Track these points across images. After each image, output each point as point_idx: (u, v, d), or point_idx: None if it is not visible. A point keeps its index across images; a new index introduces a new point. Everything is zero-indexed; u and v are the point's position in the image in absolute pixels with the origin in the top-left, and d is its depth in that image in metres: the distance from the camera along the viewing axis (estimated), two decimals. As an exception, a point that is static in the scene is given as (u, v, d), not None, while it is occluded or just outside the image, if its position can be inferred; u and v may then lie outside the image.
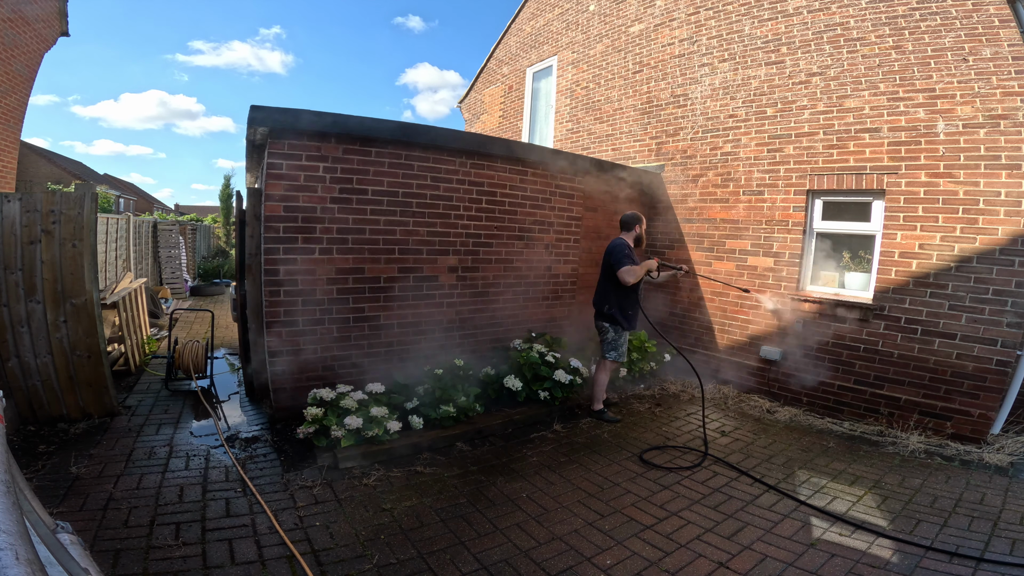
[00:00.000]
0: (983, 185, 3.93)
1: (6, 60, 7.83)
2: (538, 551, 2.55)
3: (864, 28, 4.56)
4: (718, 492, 3.25)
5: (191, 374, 4.84)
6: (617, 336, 4.38)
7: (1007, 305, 3.82)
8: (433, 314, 4.58)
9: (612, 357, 4.41)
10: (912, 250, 4.27)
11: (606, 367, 4.46)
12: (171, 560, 2.32)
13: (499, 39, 9.98)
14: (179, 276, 11.36)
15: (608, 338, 4.40)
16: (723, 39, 5.75)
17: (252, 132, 3.80)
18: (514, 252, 5.08)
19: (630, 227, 4.49)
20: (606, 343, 4.42)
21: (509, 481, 3.29)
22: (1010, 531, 2.78)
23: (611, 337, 4.39)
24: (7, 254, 3.52)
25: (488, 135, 6.55)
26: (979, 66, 3.93)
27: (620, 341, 4.41)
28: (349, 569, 2.35)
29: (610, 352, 4.40)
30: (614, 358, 4.41)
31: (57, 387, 3.75)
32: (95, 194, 3.84)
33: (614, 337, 4.38)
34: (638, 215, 4.53)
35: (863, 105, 4.56)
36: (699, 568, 2.47)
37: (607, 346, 4.41)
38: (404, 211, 4.31)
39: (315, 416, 3.51)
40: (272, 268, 3.80)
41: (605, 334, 4.41)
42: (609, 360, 4.43)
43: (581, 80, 7.85)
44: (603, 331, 4.43)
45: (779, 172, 5.17)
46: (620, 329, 4.37)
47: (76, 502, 2.73)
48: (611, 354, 4.40)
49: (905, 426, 4.24)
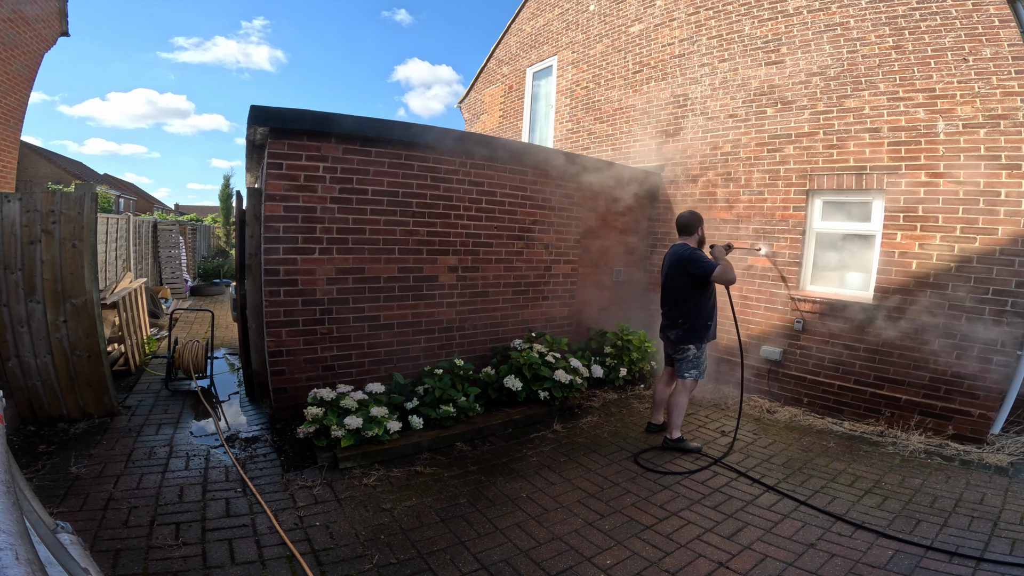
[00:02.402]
0: (983, 185, 3.93)
1: (6, 60, 7.83)
2: (538, 551, 2.55)
3: (864, 28, 4.56)
4: (718, 492, 3.25)
5: (191, 374, 4.84)
6: (700, 353, 3.84)
7: (1007, 305, 3.82)
8: (433, 314, 4.58)
9: (693, 376, 3.85)
10: (912, 250, 4.27)
11: (687, 388, 3.87)
12: (171, 560, 2.32)
13: (499, 39, 9.98)
14: (179, 276, 11.36)
15: (690, 356, 3.83)
16: (723, 39, 5.75)
17: (252, 132, 3.80)
18: (514, 252, 5.07)
19: (692, 230, 3.93)
20: (686, 361, 3.84)
21: (509, 481, 3.29)
22: (1010, 531, 2.78)
23: (693, 355, 3.82)
24: (7, 254, 3.52)
25: (488, 135, 6.55)
26: (979, 66, 3.93)
27: (703, 358, 3.88)
28: (349, 569, 2.35)
29: (691, 371, 3.84)
30: (695, 377, 3.85)
31: (57, 387, 3.75)
32: (95, 194, 3.84)
33: (696, 354, 3.83)
34: (698, 214, 3.97)
35: (863, 105, 4.56)
36: (699, 568, 2.47)
37: (687, 364, 3.84)
38: (404, 211, 4.31)
39: (315, 416, 3.51)
40: (272, 268, 3.80)
41: (685, 352, 3.83)
42: (690, 379, 3.85)
43: (581, 80, 7.85)
44: (684, 351, 3.84)
45: (779, 172, 5.17)
46: (703, 344, 3.85)
47: (76, 502, 2.73)
48: (692, 373, 3.84)
49: (905, 426, 4.24)
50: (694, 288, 3.77)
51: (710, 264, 3.67)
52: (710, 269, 3.65)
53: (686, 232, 3.97)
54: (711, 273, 3.64)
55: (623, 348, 5.48)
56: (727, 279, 3.64)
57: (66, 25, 8.97)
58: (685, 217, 3.98)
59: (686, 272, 3.76)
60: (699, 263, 3.70)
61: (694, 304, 3.79)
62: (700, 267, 3.69)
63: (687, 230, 3.96)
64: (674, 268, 3.84)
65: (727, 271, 3.65)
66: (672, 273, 3.87)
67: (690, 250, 3.79)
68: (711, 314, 3.85)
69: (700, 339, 3.81)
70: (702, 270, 3.67)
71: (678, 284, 3.83)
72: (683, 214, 4.01)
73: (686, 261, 3.75)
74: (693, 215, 3.96)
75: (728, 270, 3.65)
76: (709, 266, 3.66)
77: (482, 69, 10.58)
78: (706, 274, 3.67)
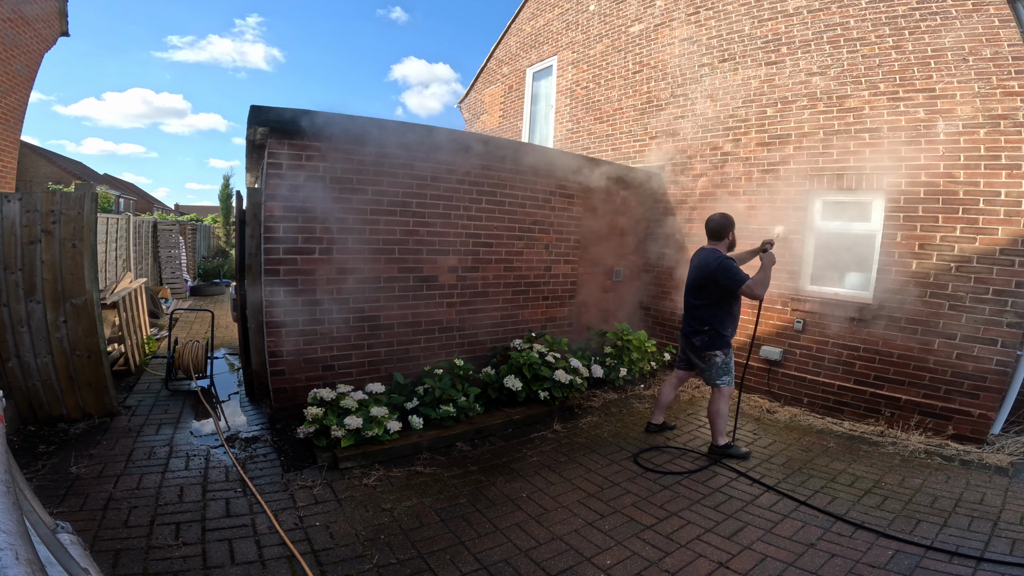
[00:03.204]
0: (983, 185, 3.93)
1: (6, 60, 7.83)
2: (538, 551, 2.55)
3: (864, 28, 4.56)
4: (718, 492, 3.25)
5: (191, 374, 4.84)
6: (728, 359, 3.77)
7: (1007, 305, 3.82)
8: (433, 314, 4.58)
9: (727, 383, 3.77)
10: (912, 250, 4.27)
11: (724, 395, 3.77)
12: (171, 560, 2.32)
13: (499, 39, 9.99)
14: (179, 276, 11.36)
15: (718, 362, 3.75)
16: (723, 39, 5.75)
17: (252, 132, 3.80)
18: (514, 252, 5.08)
19: (722, 234, 3.78)
20: (716, 369, 3.76)
21: (509, 481, 3.29)
22: (1010, 531, 2.78)
23: (721, 361, 3.75)
24: (7, 254, 3.52)
25: (488, 135, 6.55)
26: (979, 66, 3.93)
27: (731, 363, 3.80)
28: (349, 569, 2.35)
29: (723, 378, 3.76)
30: (728, 383, 3.78)
31: (57, 387, 3.75)
32: (95, 194, 3.84)
33: (725, 360, 3.76)
34: (730, 217, 3.80)
35: (863, 105, 4.56)
36: (699, 568, 2.47)
37: (718, 371, 3.75)
38: (404, 211, 4.31)
39: (315, 416, 3.51)
40: (272, 268, 3.80)
41: (712, 359, 3.76)
42: (725, 387, 3.77)
43: (581, 80, 7.85)
44: (710, 358, 3.76)
45: (779, 172, 5.17)
46: (729, 350, 3.78)
47: (76, 502, 2.73)
48: (725, 379, 3.76)
49: (905, 426, 4.24)
50: (723, 296, 3.67)
51: (741, 277, 3.52)
52: (740, 282, 3.50)
53: (716, 237, 3.81)
54: (741, 286, 3.50)
55: (623, 348, 5.48)
56: (756, 295, 3.48)
57: (66, 25, 8.97)
58: (716, 221, 3.79)
59: (715, 281, 3.62)
60: (730, 274, 3.54)
61: (722, 311, 3.70)
62: (731, 279, 3.54)
63: (718, 235, 3.79)
64: (703, 274, 3.70)
65: (759, 285, 3.47)
66: (701, 280, 3.73)
67: (720, 258, 3.62)
68: (736, 320, 3.78)
69: (727, 344, 3.75)
70: (732, 282, 3.53)
71: (706, 291, 3.71)
72: (714, 217, 3.82)
73: (716, 271, 3.60)
74: (725, 218, 3.78)
75: (762, 283, 3.47)
76: (740, 279, 3.51)
77: (482, 69, 10.58)
78: (734, 287, 3.54)
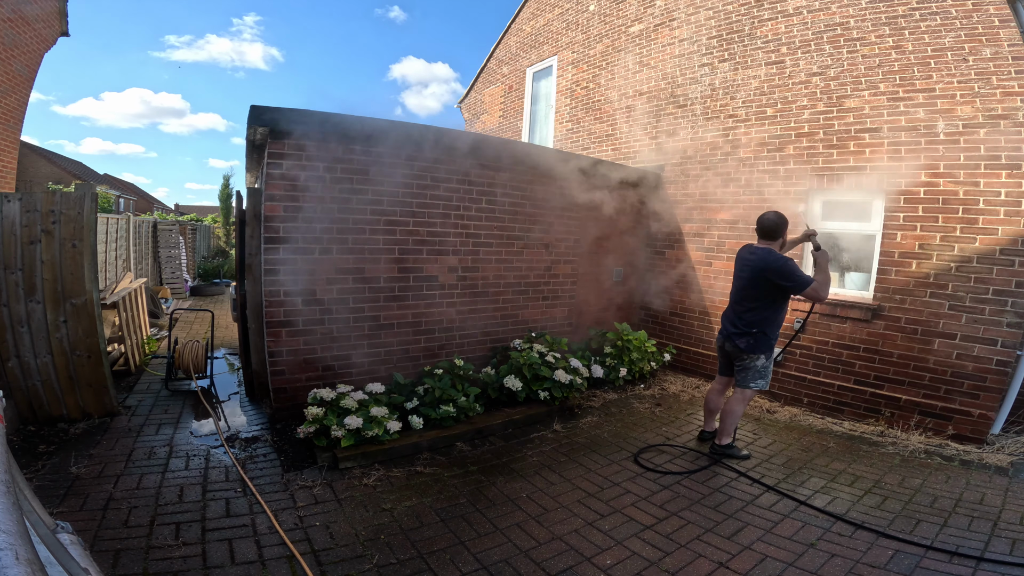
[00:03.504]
0: (983, 185, 3.93)
1: (6, 60, 7.82)
2: (538, 551, 2.55)
3: (864, 28, 4.56)
4: (718, 492, 3.25)
5: (191, 374, 4.84)
6: (768, 363, 3.64)
7: (1007, 305, 3.82)
8: (433, 314, 4.58)
9: (759, 387, 3.65)
10: (912, 250, 4.27)
11: (746, 398, 3.69)
12: (171, 560, 2.32)
13: (499, 39, 9.99)
14: (179, 276, 11.36)
15: (758, 365, 3.61)
16: (723, 39, 5.75)
17: (252, 132, 3.80)
18: (514, 252, 5.07)
19: (777, 234, 3.58)
20: (754, 371, 3.62)
21: (509, 481, 3.29)
22: (1010, 531, 2.78)
23: (761, 364, 3.61)
24: (7, 254, 3.52)
25: (488, 135, 6.55)
26: (979, 66, 3.93)
27: (770, 367, 3.67)
28: (349, 569, 2.35)
29: (757, 381, 3.63)
30: (761, 387, 3.65)
31: (57, 387, 3.75)
32: (95, 194, 3.84)
33: (765, 364, 3.62)
34: (785, 217, 3.60)
35: (863, 105, 4.56)
36: (699, 568, 2.47)
37: (753, 374, 3.62)
38: (404, 211, 4.31)
39: (315, 416, 3.51)
40: (272, 268, 3.80)
41: (752, 361, 3.61)
42: (753, 390, 3.66)
43: (581, 80, 7.85)
44: (752, 360, 3.61)
45: (779, 172, 5.17)
46: (772, 354, 3.66)
47: (76, 502, 2.73)
48: (759, 383, 3.64)
49: (905, 426, 4.24)
50: (776, 298, 3.53)
51: (805, 280, 3.36)
52: (805, 284, 3.34)
53: (770, 237, 3.60)
54: (806, 288, 3.34)
55: (623, 348, 5.48)
56: (821, 297, 3.37)
57: (66, 25, 8.97)
58: (771, 220, 3.58)
59: (772, 282, 3.44)
60: (793, 277, 3.37)
61: (772, 313, 3.56)
62: (794, 281, 3.37)
63: (772, 234, 3.59)
64: (758, 275, 3.50)
65: (823, 287, 3.35)
66: (755, 280, 3.53)
67: (782, 260, 3.44)
68: (782, 323, 3.66)
69: (771, 348, 3.62)
70: (796, 284, 3.37)
71: (759, 292, 3.54)
72: (768, 215, 3.61)
73: (776, 272, 3.41)
74: (780, 217, 3.58)
75: (826, 284, 3.37)
76: (804, 281, 3.35)
77: (482, 69, 10.58)
78: (798, 290, 3.38)
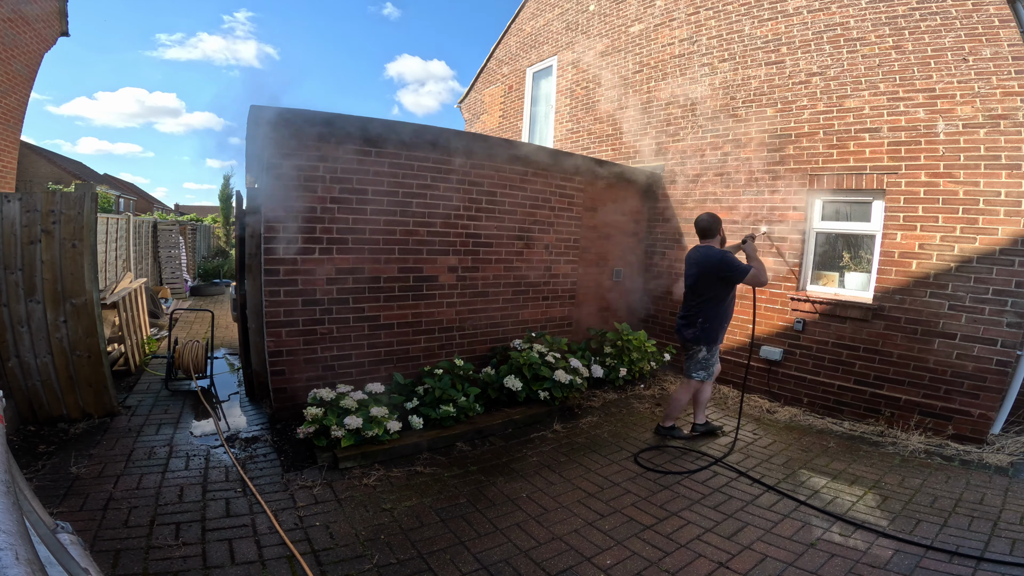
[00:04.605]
0: (983, 185, 3.93)
1: (6, 60, 7.83)
2: (538, 551, 2.55)
3: (864, 28, 4.56)
4: (718, 492, 3.25)
5: (191, 374, 4.84)
6: (710, 355, 3.93)
7: (1007, 305, 3.82)
8: (433, 314, 4.58)
9: (701, 377, 3.96)
10: (912, 250, 4.27)
11: (690, 387, 4.03)
12: (171, 560, 2.32)
13: (499, 39, 9.99)
14: (179, 276, 11.36)
15: (700, 357, 3.92)
16: (723, 39, 5.75)
17: (252, 132, 3.80)
18: (514, 252, 5.07)
19: (713, 232, 3.94)
20: (696, 362, 3.94)
21: (509, 481, 3.29)
22: (1010, 531, 2.78)
23: (703, 356, 3.92)
24: (7, 254, 3.52)
25: (488, 135, 6.55)
26: (979, 66, 3.93)
27: (713, 360, 3.96)
28: (349, 569, 2.35)
29: (699, 372, 3.95)
30: (703, 378, 3.96)
31: (57, 387, 3.75)
32: (95, 194, 3.84)
33: (707, 356, 3.92)
34: (717, 217, 3.99)
35: (863, 105, 4.56)
36: (699, 568, 2.47)
37: (696, 365, 3.94)
38: (404, 211, 4.31)
39: (315, 416, 3.51)
40: (272, 268, 3.80)
41: (696, 353, 3.93)
42: (695, 380, 3.98)
43: (581, 80, 7.85)
44: (694, 351, 3.94)
45: (779, 172, 5.17)
46: (714, 347, 3.93)
47: (76, 502, 2.73)
48: (700, 374, 3.95)
49: (905, 426, 4.24)
50: (721, 290, 3.81)
51: (743, 267, 3.73)
52: (745, 272, 3.71)
53: (708, 235, 3.96)
54: (745, 276, 3.71)
55: (623, 348, 5.48)
56: (760, 281, 3.76)
57: (66, 25, 8.97)
58: (705, 221, 3.95)
59: (717, 275, 3.76)
60: (733, 266, 3.73)
61: (716, 307, 3.83)
62: (734, 270, 3.72)
63: (708, 233, 3.95)
64: (703, 270, 3.82)
65: (761, 273, 3.76)
66: (701, 274, 3.84)
67: (722, 253, 3.81)
68: (727, 317, 3.92)
69: (713, 340, 3.87)
70: (737, 272, 3.72)
71: (705, 285, 3.83)
72: (702, 217, 3.97)
73: (718, 264, 3.75)
74: (713, 218, 3.95)
75: (762, 271, 3.77)
76: (744, 269, 3.72)
77: (482, 69, 10.58)
78: (740, 277, 3.72)
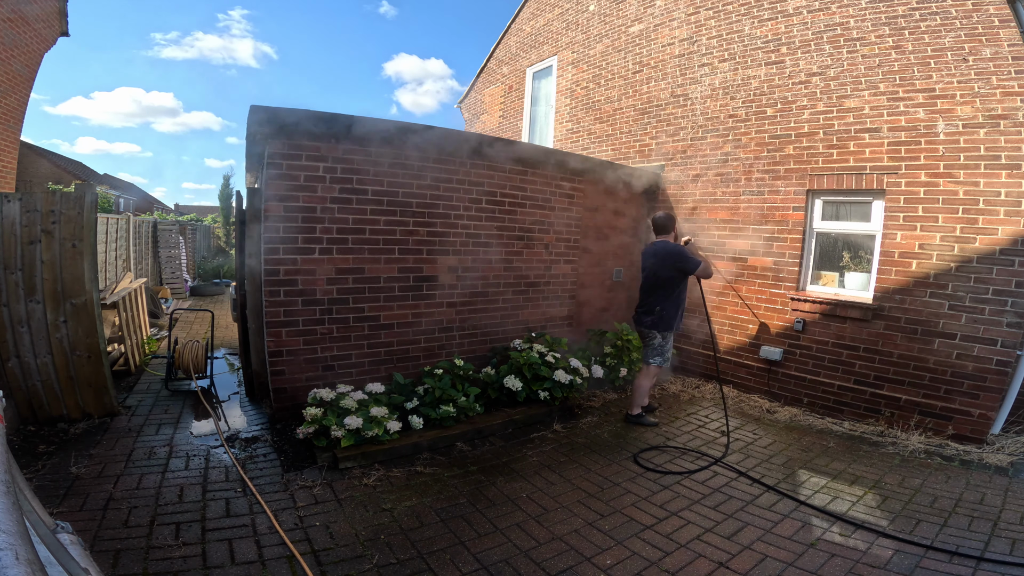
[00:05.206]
0: (983, 185, 3.93)
1: (6, 60, 7.82)
2: (538, 551, 2.55)
3: (864, 28, 4.56)
4: (718, 492, 3.25)
5: (191, 374, 4.84)
6: (664, 342, 4.31)
7: (1007, 305, 3.82)
8: (433, 314, 4.58)
9: (657, 363, 4.32)
10: (912, 250, 4.27)
11: (650, 373, 4.36)
12: (171, 560, 2.32)
13: (499, 39, 9.98)
14: (179, 276, 11.36)
15: (655, 344, 4.31)
16: (723, 39, 5.75)
17: (251, 132, 3.80)
18: (514, 252, 5.07)
19: (669, 229, 4.39)
20: (652, 348, 4.33)
21: (509, 481, 3.29)
22: (1010, 531, 2.78)
23: (658, 343, 4.30)
24: (7, 254, 3.52)
25: (488, 135, 6.55)
26: (979, 66, 3.93)
27: (667, 346, 4.34)
28: (349, 569, 2.35)
29: (655, 358, 4.31)
30: (659, 363, 4.32)
31: (57, 387, 3.75)
32: (95, 194, 3.84)
33: (661, 343, 4.30)
34: (673, 215, 4.52)
35: (863, 105, 4.56)
36: (699, 568, 2.47)
37: (652, 352, 4.33)
38: (404, 211, 4.31)
39: (315, 416, 3.51)
40: (272, 268, 3.80)
41: (652, 340, 4.32)
42: (653, 365, 4.32)
43: (581, 80, 7.85)
44: (650, 337, 4.33)
45: (779, 172, 5.17)
46: (668, 334, 4.31)
47: (76, 502, 2.73)
48: (656, 359, 4.31)
49: (905, 426, 4.24)
50: (676, 281, 4.25)
51: (695, 261, 4.23)
52: (697, 264, 4.21)
53: (663, 231, 4.41)
54: (696, 269, 4.20)
55: (623, 348, 5.47)
56: (708, 274, 4.38)
57: (66, 25, 8.96)
58: (662, 218, 4.44)
59: (673, 267, 4.21)
60: (687, 259, 4.20)
61: (671, 295, 4.25)
62: (687, 263, 4.20)
63: (664, 230, 4.41)
64: (660, 262, 4.26)
65: (709, 267, 4.43)
66: (658, 266, 4.27)
67: (678, 247, 4.28)
68: (680, 306, 4.33)
69: (668, 327, 4.27)
70: (690, 264, 4.20)
71: (662, 277, 4.25)
72: (659, 216, 4.47)
73: (675, 257, 4.21)
74: (669, 216, 4.46)
75: (709, 266, 4.45)
76: (694, 263, 4.22)
77: (482, 69, 10.58)
78: (692, 269, 4.20)
